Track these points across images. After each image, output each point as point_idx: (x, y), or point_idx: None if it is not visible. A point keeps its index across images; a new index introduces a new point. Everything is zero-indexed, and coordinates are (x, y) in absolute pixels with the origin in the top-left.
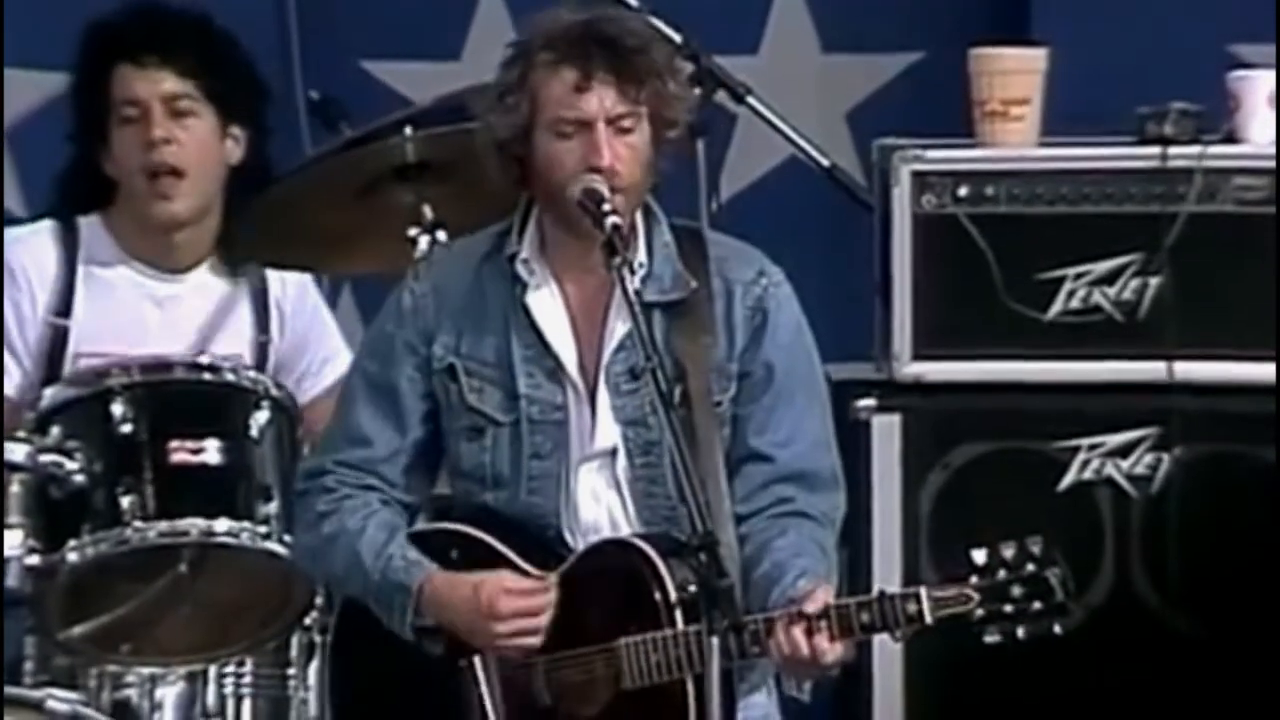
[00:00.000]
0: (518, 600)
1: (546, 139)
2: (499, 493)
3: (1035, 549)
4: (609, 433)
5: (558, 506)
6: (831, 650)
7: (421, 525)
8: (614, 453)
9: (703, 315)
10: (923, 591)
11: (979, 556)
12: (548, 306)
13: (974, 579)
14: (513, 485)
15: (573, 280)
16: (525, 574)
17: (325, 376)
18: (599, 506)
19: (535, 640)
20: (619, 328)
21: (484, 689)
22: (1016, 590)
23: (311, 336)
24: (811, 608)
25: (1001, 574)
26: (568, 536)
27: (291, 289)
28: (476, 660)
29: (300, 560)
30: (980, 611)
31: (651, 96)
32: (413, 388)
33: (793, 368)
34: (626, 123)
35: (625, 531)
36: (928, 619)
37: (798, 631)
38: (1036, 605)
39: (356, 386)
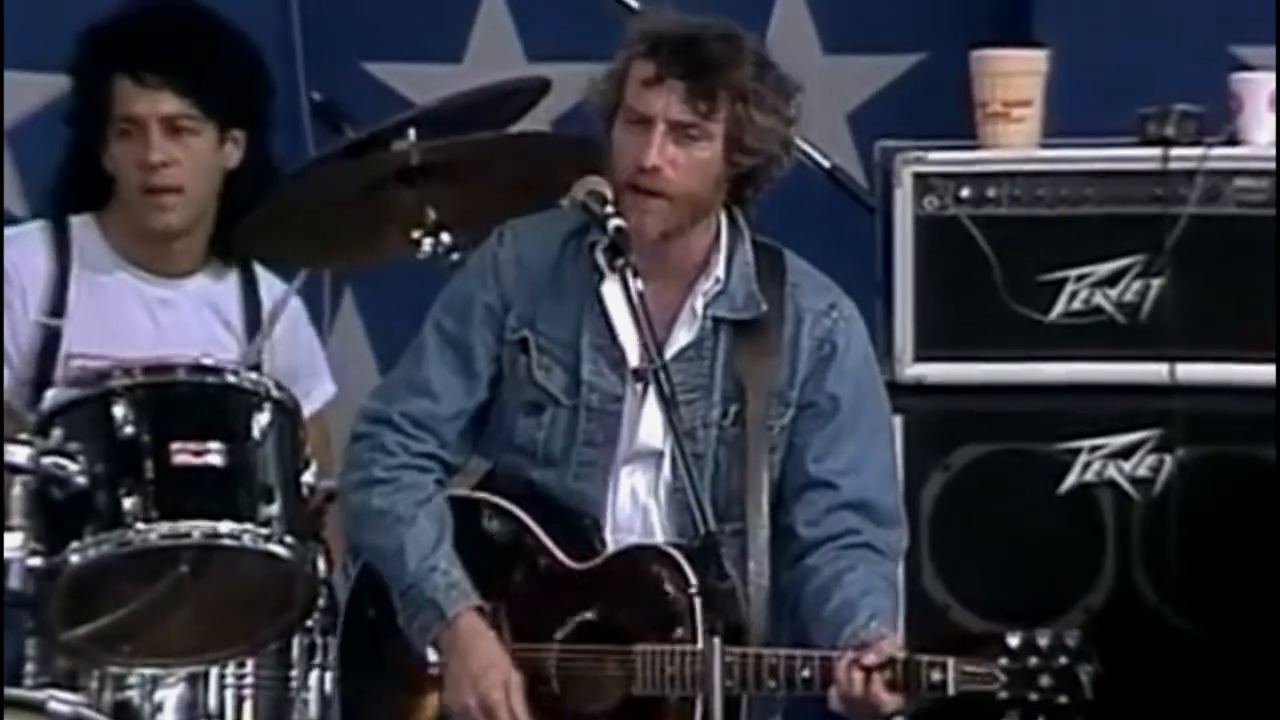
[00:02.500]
0: (503, 712)
1: (619, 127)
2: (548, 471)
3: (1071, 641)
4: (653, 432)
5: (600, 496)
6: (892, 700)
7: (465, 491)
8: (659, 457)
9: (770, 337)
10: (950, 662)
11: (1013, 640)
12: (620, 298)
13: (1004, 660)
14: (562, 466)
15: (652, 277)
16: (559, 562)
17: (303, 409)
18: (635, 508)
19: None
20: (681, 336)
21: None
22: (1045, 680)
23: (300, 370)
24: (872, 659)
25: (1033, 661)
26: (605, 527)
27: (285, 310)
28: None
29: (343, 512)
30: (1004, 694)
31: (728, 116)
32: (486, 350)
33: (859, 401)
34: (692, 131)
35: (658, 537)
36: (950, 690)
37: (858, 676)
38: (1063, 699)
39: (430, 339)
